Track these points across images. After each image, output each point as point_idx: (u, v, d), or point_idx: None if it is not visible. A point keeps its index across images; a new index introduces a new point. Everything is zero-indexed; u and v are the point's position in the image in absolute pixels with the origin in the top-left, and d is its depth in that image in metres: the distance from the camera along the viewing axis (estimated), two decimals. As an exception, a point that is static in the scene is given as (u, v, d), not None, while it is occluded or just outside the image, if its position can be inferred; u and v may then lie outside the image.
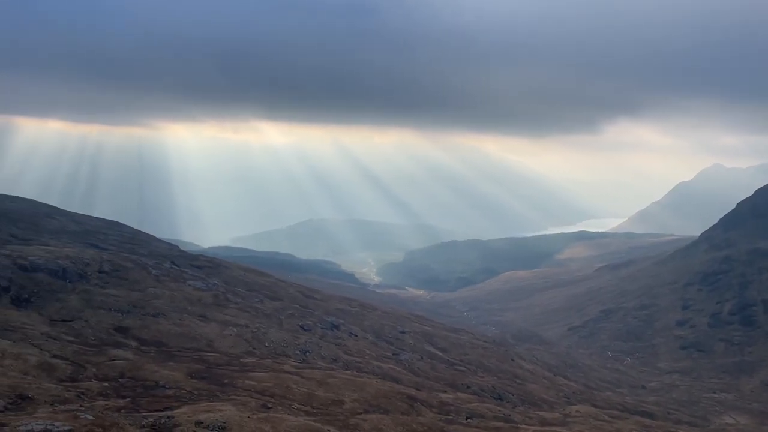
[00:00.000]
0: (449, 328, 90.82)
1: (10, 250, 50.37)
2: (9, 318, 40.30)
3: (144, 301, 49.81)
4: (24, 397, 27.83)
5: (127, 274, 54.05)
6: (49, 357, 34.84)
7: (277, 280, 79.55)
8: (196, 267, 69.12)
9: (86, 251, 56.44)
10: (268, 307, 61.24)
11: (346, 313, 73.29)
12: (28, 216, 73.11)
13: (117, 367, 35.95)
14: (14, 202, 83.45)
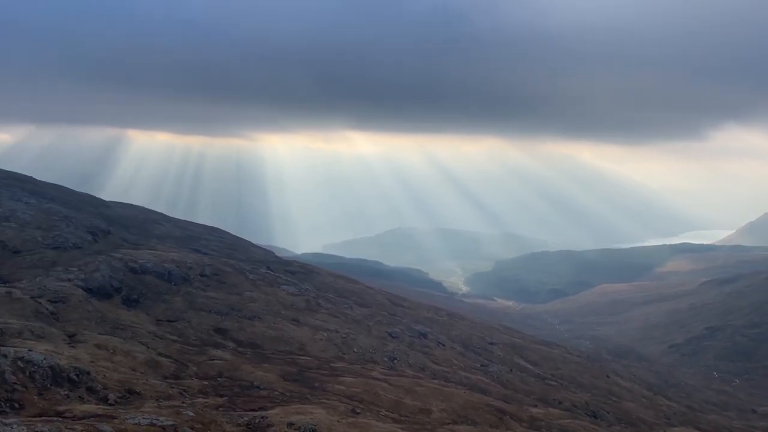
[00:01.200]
0: (540, 340, 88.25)
1: (123, 254, 54.26)
2: (120, 317, 43.39)
3: (241, 304, 52.02)
4: (132, 392, 29.77)
5: (226, 278, 56.69)
6: (155, 355, 37.10)
7: (365, 287, 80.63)
8: (290, 272, 71.35)
9: (189, 255, 59.77)
10: (357, 313, 62.16)
11: (434, 322, 73.04)
12: (139, 222, 78.52)
13: (216, 367, 37.71)
14: (127, 208, 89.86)
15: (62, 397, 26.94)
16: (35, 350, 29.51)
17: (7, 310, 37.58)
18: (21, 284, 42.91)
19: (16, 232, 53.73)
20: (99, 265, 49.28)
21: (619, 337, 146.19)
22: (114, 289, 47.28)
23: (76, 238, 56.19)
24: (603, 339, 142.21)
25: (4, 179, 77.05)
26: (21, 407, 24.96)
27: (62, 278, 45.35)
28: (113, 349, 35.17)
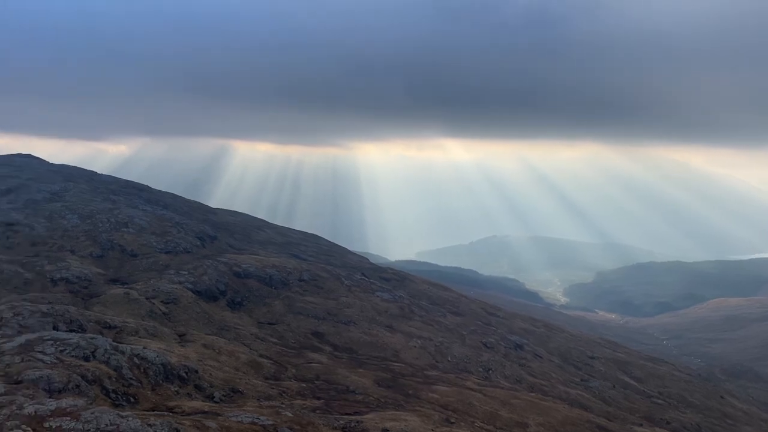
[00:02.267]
0: (645, 356, 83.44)
1: (228, 258, 57.07)
2: (225, 318, 45.62)
3: (337, 310, 53.13)
4: (235, 391, 31.12)
5: (323, 284, 58.14)
6: (257, 356, 38.62)
7: (459, 296, 79.86)
8: (384, 279, 72.04)
9: (289, 261, 61.88)
10: (450, 321, 61.66)
11: (531, 333, 71.03)
12: (242, 228, 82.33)
13: (313, 370, 38.68)
14: (232, 215, 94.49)
15: (172, 393, 28.61)
16: (149, 348, 31.56)
17: (125, 310, 40.58)
18: (137, 286, 46.16)
19: (134, 237, 57.96)
20: (206, 269, 52.13)
21: (735, 355, 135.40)
22: (220, 292, 49.80)
23: (187, 243, 59.74)
24: (716, 357, 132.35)
25: (123, 188, 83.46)
26: (136, 401, 26.74)
27: (174, 281, 48.35)
28: (219, 349, 36.97)
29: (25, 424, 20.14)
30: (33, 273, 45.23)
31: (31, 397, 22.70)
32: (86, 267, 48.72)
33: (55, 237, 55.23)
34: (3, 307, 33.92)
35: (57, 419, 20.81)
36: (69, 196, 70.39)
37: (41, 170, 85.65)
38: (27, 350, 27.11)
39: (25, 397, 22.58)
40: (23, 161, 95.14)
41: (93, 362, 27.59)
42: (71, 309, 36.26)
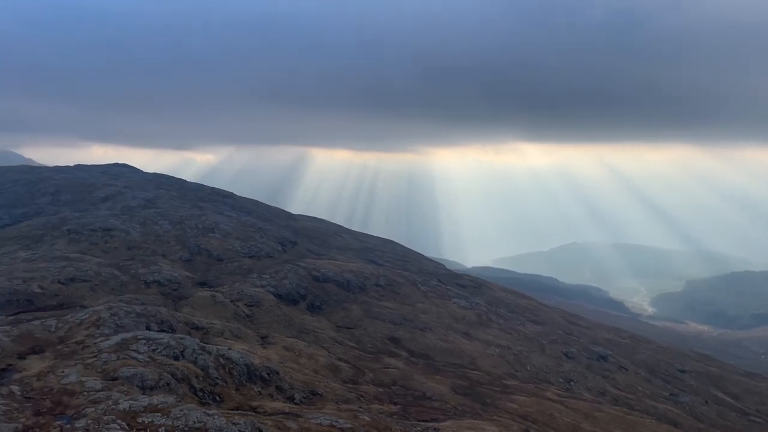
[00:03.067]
0: (742, 371, 78.11)
1: (307, 263, 58.40)
2: (304, 322, 46.65)
3: (413, 315, 53.14)
4: (315, 393, 31.73)
5: (399, 289, 58.35)
6: (335, 359, 39.23)
7: (539, 304, 77.87)
8: (460, 285, 71.40)
9: (366, 266, 62.55)
10: (530, 330, 60.22)
11: (615, 344, 68.15)
12: (321, 233, 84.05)
13: (390, 375, 38.84)
14: (311, 221, 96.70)
15: (255, 393, 29.53)
16: (234, 349, 32.76)
17: (211, 312, 42.34)
18: (223, 289, 48.06)
19: (219, 241, 60.44)
20: (287, 274, 53.57)
21: None
22: (300, 295, 51.03)
23: (269, 248, 61.65)
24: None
25: (209, 195, 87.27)
26: (221, 400, 27.79)
27: (257, 284, 50.00)
28: (299, 351, 37.84)
29: (120, 419, 21.39)
30: (128, 276, 48.04)
31: (126, 393, 24.08)
32: (176, 270, 51.23)
33: (148, 242, 58.46)
34: (101, 307, 36.20)
35: (149, 415, 21.96)
36: (161, 203, 74.40)
37: (136, 179, 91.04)
38: (122, 349, 28.79)
39: (120, 393, 23.98)
40: (120, 170, 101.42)
41: (182, 361, 28.94)
42: (162, 310, 38.21)
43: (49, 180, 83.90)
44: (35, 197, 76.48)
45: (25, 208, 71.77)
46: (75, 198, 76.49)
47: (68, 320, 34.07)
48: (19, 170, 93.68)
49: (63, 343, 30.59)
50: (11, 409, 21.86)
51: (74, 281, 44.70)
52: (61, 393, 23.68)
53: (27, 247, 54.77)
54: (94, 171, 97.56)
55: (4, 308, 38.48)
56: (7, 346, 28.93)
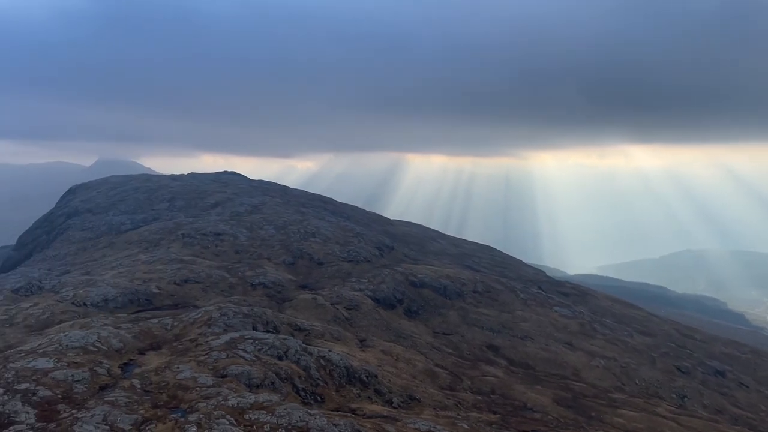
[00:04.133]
0: None
1: (404, 268, 58.73)
2: (402, 326, 46.90)
3: (512, 323, 51.95)
4: (413, 398, 31.75)
5: (497, 296, 57.29)
6: (432, 365, 39.10)
7: (648, 314, 73.62)
8: (562, 293, 68.99)
9: (463, 272, 61.97)
10: (638, 342, 57.04)
11: (735, 359, 63.06)
12: (418, 239, 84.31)
13: (488, 383, 38.16)
14: (407, 226, 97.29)
15: (354, 395, 30.01)
16: (334, 351, 33.50)
17: (313, 314, 43.59)
18: (323, 292, 49.36)
19: (320, 246, 62.20)
20: (385, 278, 54.15)
21: None
22: (397, 300, 51.41)
23: (367, 253, 62.65)
24: None
25: (311, 200, 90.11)
26: (322, 400, 28.47)
27: (355, 288, 50.93)
28: (396, 356, 38.08)
29: (229, 415, 22.46)
30: (236, 278, 50.52)
31: (234, 390, 25.26)
32: (280, 273, 53.26)
33: (254, 245, 61.25)
34: (212, 307, 38.29)
35: (255, 412, 22.90)
36: (266, 208, 77.77)
37: (243, 186, 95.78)
38: (231, 347, 30.27)
39: (229, 389, 25.19)
40: (229, 178, 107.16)
41: (285, 361, 29.97)
42: (267, 311, 39.81)
43: (166, 188, 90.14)
44: (153, 204, 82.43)
45: (145, 213, 77.48)
46: (188, 204, 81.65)
47: (182, 319, 36.33)
48: (139, 179, 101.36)
49: (178, 341, 32.64)
50: (132, 401, 23.56)
51: (188, 282, 47.61)
52: (176, 388, 25.22)
53: (146, 250, 59.06)
54: (206, 179, 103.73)
55: (127, 307, 41.68)
56: (129, 342, 31.28)
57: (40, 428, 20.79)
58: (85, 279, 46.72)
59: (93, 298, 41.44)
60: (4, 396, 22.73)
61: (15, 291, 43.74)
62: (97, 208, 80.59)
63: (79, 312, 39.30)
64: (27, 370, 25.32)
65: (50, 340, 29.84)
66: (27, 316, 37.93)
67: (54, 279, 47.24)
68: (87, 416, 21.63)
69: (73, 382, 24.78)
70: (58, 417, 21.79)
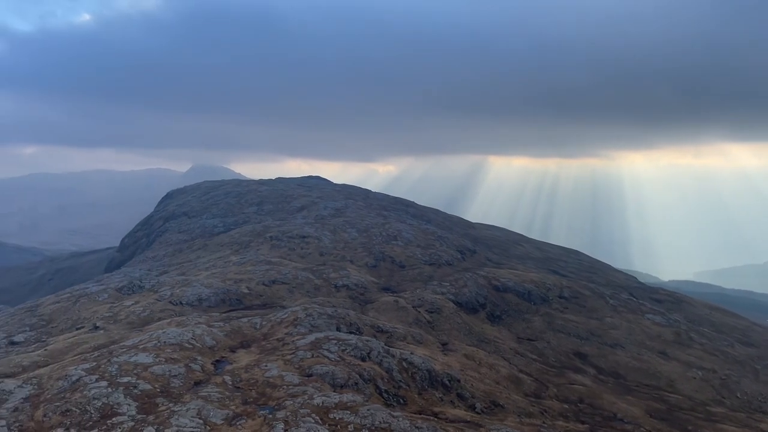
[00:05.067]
0: None
1: (486, 272, 57.94)
2: (484, 331, 46.27)
3: (601, 330, 50.02)
4: (496, 404, 31.24)
5: (584, 302, 55.36)
6: (516, 371, 38.31)
7: (751, 324, 68.66)
8: (655, 300, 65.69)
9: (548, 277, 60.35)
10: (740, 353, 53.34)
11: None
12: (500, 242, 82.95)
13: (576, 392, 36.93)
14: (489, 229, 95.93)
15: (437, 399, 29.91)
16: (416, 354, 33.55)
17: (395, 317, 43.87)
18: (405, 295, 49.57)
19: (402, 249, 62.52)
20: (467, 282, 53.67)
21: None
22: (479, 304, 50.80)
23: (448, 256, 62.34)
24: None
25: (392, 204, 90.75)
26: (405, 403, 28.58)
27: (437, 291, 50.79)
28: (479, 360, 37.61)
29: (314, 413, 23.00)
30: (321, 279, 51.69)
31: (319, 389, 25.85)
32: (362, 276, 53.99)
33: (338, 248, 62.45)
34: (298, 308, 39.37)
35: (339, 412, 23.33)
36: (349, 212, 79.12)
37: (327, 189, 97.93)
38: (316, 347, 31.00)
39: (314, 389, 25.80)
40: (313, 182, 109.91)
41: (368, 362, 30.33)
42: (351, 313, 40.46)
43: (255, 192, 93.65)
44: (243, 207, 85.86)
45: (236, 217, 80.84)
46: (276, 208, 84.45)
47: (270, 319, 37.60)
48: (230, 183, 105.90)
49: (266, 340, 33.80)
50: (224, 397, 24.62)
51: (275, 283, 49.21)
52: (264, 385, 26.13)
53: (237, 252, 61.58)
54: (292, 183, 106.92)
55: (219, 306, 43.62)
56: (222, 340, 32.72)
57: (141, 420, 22.13)
58: (181, 279, 49.32)
59: (188, 298, 43.68)
60: (108, 388, 24.37)
61: (118, 290, 46.86)
62: (192, 212, 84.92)
63: (176, 310, 41.53)
64: (129, 364, 27.03)
65: (150, 337, 31.72)
66: (129, 314, 40.52)
67: (153, 279, 50.18)
68: (183, 410, 22.81)
69: (170, 377, 26.21)
70: (156, 410, 23.11)
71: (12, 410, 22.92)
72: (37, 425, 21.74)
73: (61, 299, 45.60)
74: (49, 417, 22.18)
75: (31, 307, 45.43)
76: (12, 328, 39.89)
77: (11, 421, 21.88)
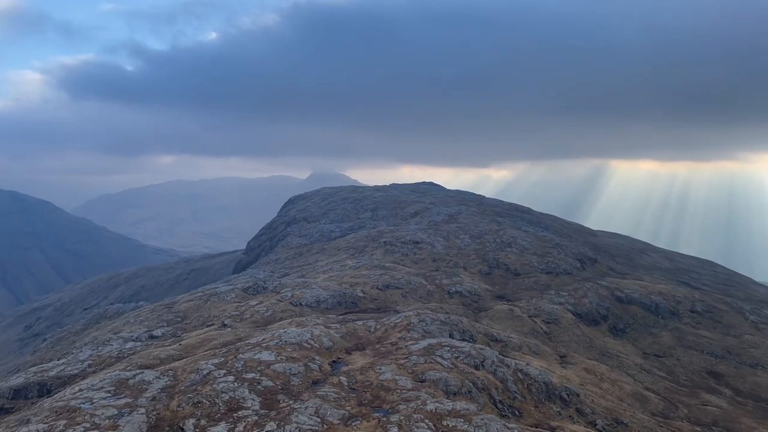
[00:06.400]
0: None
1: (609, 282, 55.07)
2: (606, 345, 43.94)
3: (739, 348, 45.78)
4: (619, 422, 29.51)
5: (720, 317, 50.97)
6: (642, 388, 36.00)
7: None
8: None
9: (678, 289, 56.25)
10: None
11: None
12: (624, 251, 78.52)
13: (709, 414, 34.07)
14: (613, 237, 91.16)
15: (554, 413, 28.79)
16: (531, 365, 32.54)
17: (509, 326, 42.87)
18: (520, 303, 48.30)
19: (517, 256, 61.05)
20: (587, 292, 51.31)
21: None
22: (601, 316, 48.36)
23: (567, 265, 59.97)
24: None
25: (507, 210, 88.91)
26: (520, 414, 27.78)
27: (554, 301, 49.01)
28: (600, 375, 35.78)
29: (427, 419, 22.97)
30: (433, 285, 51.72)
31: (432, 395, 25.78)
32: (476, 283, 53.33)
33: (450, 254, 62.19)
34: (411, 313, 39.63)
35: (453, 419, 23.11)
36: (462, 218, 78.57)
37: (440, 196, 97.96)
38: (429, 353, 30.99)
39: (428, 394, 25.77)
40: (426, 188, 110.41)
41: (482, 371, 29.85)
42: (464, 320, 40.08)
43: (370, 198, 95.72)
44: (359, 213, 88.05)
45: (351, 222, 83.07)
46: (390, 213, 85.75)
47: (384, 323, 38.14)
48: (346, 190, 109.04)
49: (380, 343, 34.31)
50: (340, 398, 25.27)
51: (389, 288, 49.90)
52: (378, 388, 26.51)
53: (353, 256, 63.20)
54: (405, 189, 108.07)
55: (336, 308, 44.96)
56: (338, 342, 33.66)
57: (264, 415, 23.26)
58: (301, 281, 51.42)
59: (307, 299, 45.44)
60: (234, 383, 25.88)
61: (244, 290, 49.73)
62: (311, 217, 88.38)
63: (296, 311, 43.35)
64: (253, 361, 28.55)
65: (272, 336, 33.33)
66: (253, 313, 42.86)
67: (275, 281, 52.75)
68: (302, 407, 23.70)
69: (290, 375, 27.35)
70: (278, 406, 24.20)
71: (150, 399, 24.98)
72: (171, 414, 23.53)
73: (193, 298, 49.20)
74: (183, 407, 23.93)
75: (168, 304, 49.43)
76: (152, 323, 43.62)
77: (149, 410, 23.85)
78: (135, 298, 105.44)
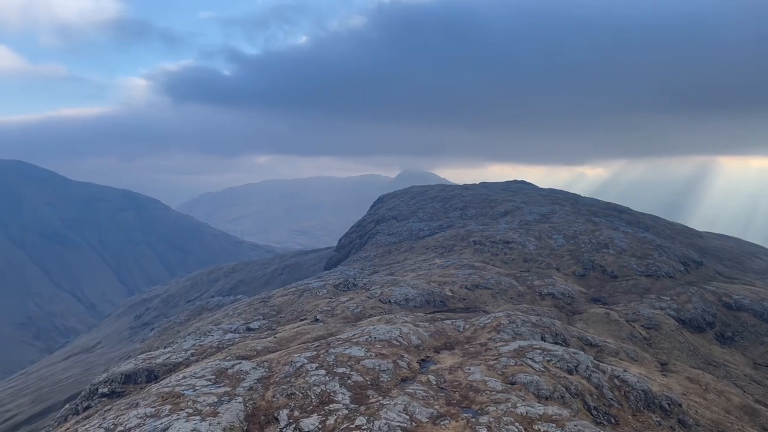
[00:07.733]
0: None
1: (715, 287, 51.62)
2: (712, 353, 41.24)
3: None
4: (727, 436, 27.64)
5: None
6: (753, 401, 33.51)
7: None
8: None
9: (795, 296, 51.81)
10: None
11: None
12: (734, 254, 73.30)
13: (832, 434, 31.14)
14: (720, 239, 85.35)
15: (653, 423, 27.38)
16: (629, 371, 31.09)
17: (605, 330, 41.20)
18: (617, 307, 46.28)
19: (614, 258, 58.53)
20: (691, 297, 48.38)
21: None
22: (706, 323, 45.45)
23: (668, 268, 56.81)
24: None
25: (603, 209, 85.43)
26: (616, 422, 26.64)
27: (654, 306, 46.57)
28: (705, 385, 33.66)
29: (517, 422, 22.53)
30: (524, 286, 50.62)
31: (523, 398, 25.25)
32: (569, 285, 51.66)
33: (542, 255, 60.59)
34: (501, 314, 39.00)
35: (544, 424, 22.54)
36: (555, 217, 76.33)
37: (532, 194, 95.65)
38: (519, 355, 30.37)
39: (518, 397, 25.27)
40: (518, 187, 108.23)
41: (575, 376, 28.89)
42: (556, 323, 38.94)
43: (459, 197, 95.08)
44: (448, 212, 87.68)
45: (440, 221, 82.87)
46: (479, 212, 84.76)
47: (473, 323, 37.78)
48: (435, 188, 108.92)
49: (469, 343, 34.04)
50: (428, 396, 25.31)
51: (477, 288, 49.38)
52: (467, 388, 26.31)
53: (441, 255, 63.06)
54: (495, 188, 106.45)
55: (423, 307, 45.06)
56: (426, 340, 33.73)
57: (354, 409, 23.74)
58: (390, 279, 51.95)
59: (396, 297, 45.85)
60: (326, 377, 26.57)
61: (336, 286, 50.92)
62: (400, 216, 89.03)
63: (384, 308, 43.86)
64: (344, 356, 29.19)
65: (361, 332, 33.91)
66: (344, 309, 43.79)
67: (365, 278, 53.61)
68: (390, 404, 23.97)
69: (380, 372, 27.72)
70: (367, 401, 24.60)
71: (247, 389, 26.16)
72: (267, 404, 24.52)
73: (288, 292, 50.99)
74: (277, 398, 24.87)
75: (264, 298, 51.52)
76: (249, 315, 45.63)
77: (246, 399, 24.98)
78: (233, 291, 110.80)
